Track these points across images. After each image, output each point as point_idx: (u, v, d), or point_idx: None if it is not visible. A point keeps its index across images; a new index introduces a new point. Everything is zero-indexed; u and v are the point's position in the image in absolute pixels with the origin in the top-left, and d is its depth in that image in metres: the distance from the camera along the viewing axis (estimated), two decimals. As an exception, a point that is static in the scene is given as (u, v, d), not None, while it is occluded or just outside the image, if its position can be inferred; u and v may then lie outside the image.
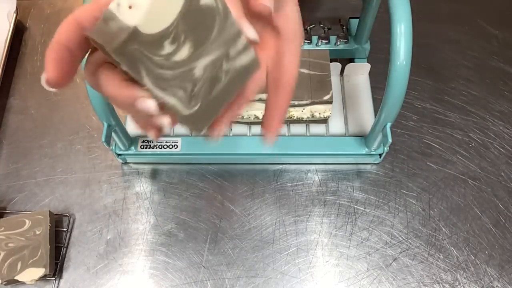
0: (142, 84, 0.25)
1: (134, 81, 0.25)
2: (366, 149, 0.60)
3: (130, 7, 0.22)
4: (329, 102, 0.60)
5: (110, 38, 0.22)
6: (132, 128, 0.64)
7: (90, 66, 0.27)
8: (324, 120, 0.63)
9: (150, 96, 0.25)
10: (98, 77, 0.27)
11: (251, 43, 0.28)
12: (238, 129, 0.64)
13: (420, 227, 0.59)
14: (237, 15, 0.28)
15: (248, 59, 0.28)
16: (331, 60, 0.64)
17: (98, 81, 0.27)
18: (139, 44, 0.23)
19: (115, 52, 0.23)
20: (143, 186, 0.63)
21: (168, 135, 0.63)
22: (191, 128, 0.29)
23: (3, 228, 0.56)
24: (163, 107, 0.26)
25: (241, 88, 0.30)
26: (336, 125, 0.64)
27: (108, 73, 0.26)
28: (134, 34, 0.22)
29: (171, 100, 0.26)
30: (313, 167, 0.63)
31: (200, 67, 0.26)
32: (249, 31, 0.28)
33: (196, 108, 0.27)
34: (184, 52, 0.25)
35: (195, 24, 0.25)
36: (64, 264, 0.57)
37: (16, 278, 0.53)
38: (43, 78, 0.25)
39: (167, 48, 0.24)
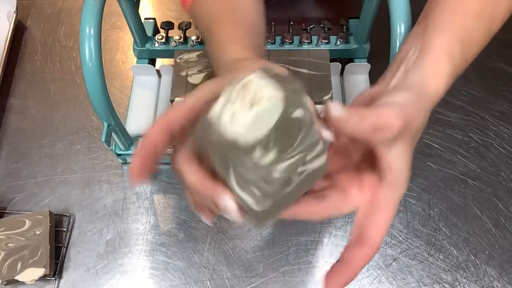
0: (225, 181, 0.27)
1: (216, 175, 0.28)
2: (366, 149, 0.60)
3: (231, 118, 0.25)
4: (329, 102, 0.60)
5: (212, 144, 0.26)
6: (132, 128, 0.64)
7: (179, 156, 0.30)
8: (324, 120, 0.63)
9: (232, 196, 0.28)
10: (184, 165, 0.29)
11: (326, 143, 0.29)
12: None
13: (420, 227, 0.59)
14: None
15: (320, 163, 0.29)
16: (331, 60, 0.64)
17: (182, 168, 0.30)
18: (235, 152, 0.25)
19: (214, 156, 0.25)
20: (143, 186, 0.63)
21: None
22: (254, 223, 0.30)
23: (3, 228, 0.56)
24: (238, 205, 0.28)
25: (307, 189, 0.31)
26: (336, 125, 0.64)
27: (194, 164, 0.29)
28: (234, 144, 0.25)
29: (248, 200, 0.28)
30: (313, 167, 0.63)
31: (279, 170, 0.28)
32: (325, 132, 0.29)
33: (267, 206, 0.29)
34: (270, 157, 0.27)
35: (284, 133, 0.27)
36: (64, 264, 0.57)
37: (16, 278, 0.53)
38: (129, 179, 0.29)
39: (257, 153, 0.26)
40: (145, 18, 0.74)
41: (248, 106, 0.25)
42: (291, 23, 0.71)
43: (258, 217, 0.29)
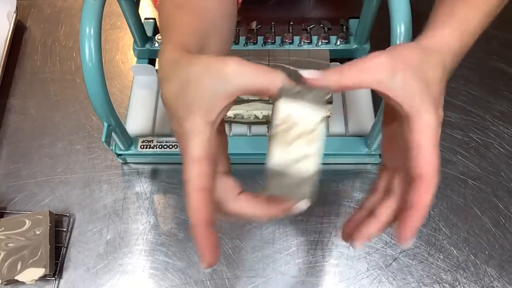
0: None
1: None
2: (366, 149, 0.60)
3: (303, 157, 0.26)
4: (329, 102, 0.60)
5: (297, 191, 0.27)
6: (132, 128, 0.64)
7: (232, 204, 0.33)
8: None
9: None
10: (243, 208, 0.32)
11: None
12: (238, 129, 0.64)
13: (420, 227, 0.59)
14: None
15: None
16: (331, 60, 0.64)
17: (243, 211, 0.32)
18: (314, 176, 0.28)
19: (294, 190, 0.27)
20: (143, 186, 0.63)
21: (168, 135, 0.63)
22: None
23: (3, 228, 0.56)
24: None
25: None
26: (336, 125, 0.64)
27: (250, 200, 0.32)
28: (313, 177, 0.27)
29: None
30: (313, 167, 0.63)
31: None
32: (305, 73, 0.30)
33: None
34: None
35: None
36: (64, 264, 0.57)
37: (16, 278, 0.53)
38: (203, 265, 0.30)
39: None
40: (145, 18, 0.74)
41: (311, 139, 0.27)
42: (291, 23, 0.71)
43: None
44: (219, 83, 0.29)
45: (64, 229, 0.59)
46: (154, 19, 0.74)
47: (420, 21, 0.60)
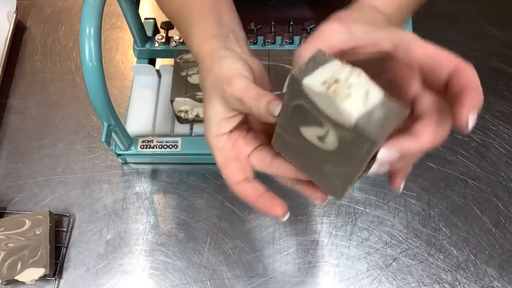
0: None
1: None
2: (366, 149, 0.60)
3: (366, 98, 0.27)
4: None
5: (389, 115, 0.28)
6: (132, 128, 0.64)
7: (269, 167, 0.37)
8: (324, 120, 0.63)
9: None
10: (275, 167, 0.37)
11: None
12: (238, 129, 0.64)
13: (420, 227, 0.59)
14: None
15: None
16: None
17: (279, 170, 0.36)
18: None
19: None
20: (143, 186, 0.63)
21: (168, 135, 0.63)
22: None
23: (3, 228, 0.56)
24: None
25: None
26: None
27: (283, 162, 0.36)
28: (386, 97, 0.28)
29: None
30: (313, 167, 0.63)
31: None
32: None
33: None
34: None
35: None
36: (64, 264, 0.57)
37: (16, 278, 0.53)
38: (282, 217, 0.35)
39: None
40: (145, 18, 0.74)
41: (355, 80, 0.27)
42: (291, 23, 0.71)
43: None
44: (220, 107, 0.35)
45: (64, 229, 0.59)
46: (154, 19, 0.74)
47: (419, 21, 0.60)
